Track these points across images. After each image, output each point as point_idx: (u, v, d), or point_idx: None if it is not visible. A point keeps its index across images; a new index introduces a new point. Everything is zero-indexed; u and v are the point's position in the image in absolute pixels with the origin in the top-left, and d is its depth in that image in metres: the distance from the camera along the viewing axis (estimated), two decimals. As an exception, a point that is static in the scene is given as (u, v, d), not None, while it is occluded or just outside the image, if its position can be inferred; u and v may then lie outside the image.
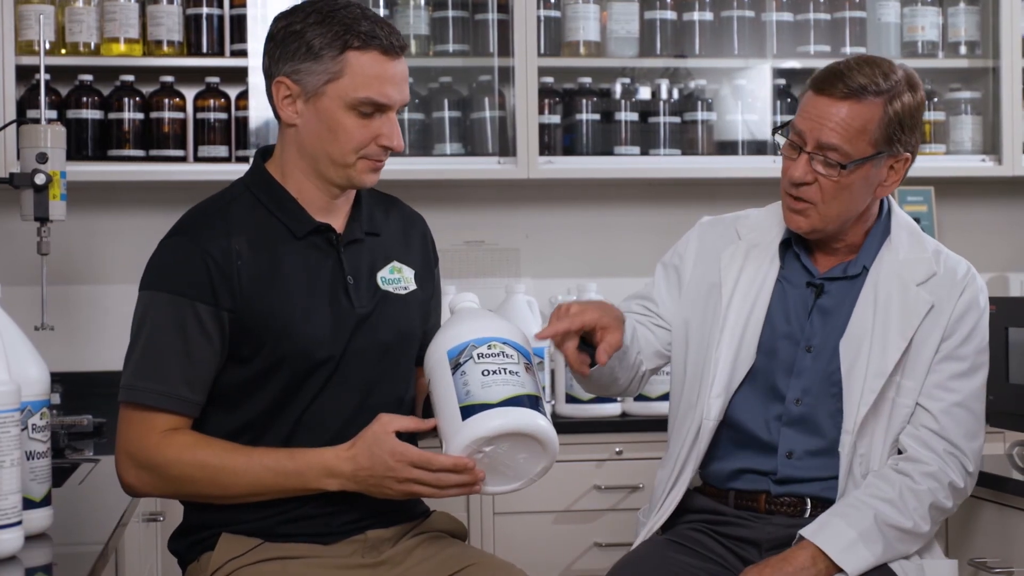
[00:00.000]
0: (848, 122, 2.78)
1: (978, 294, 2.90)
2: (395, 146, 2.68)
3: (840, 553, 2.73)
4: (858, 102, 2.78)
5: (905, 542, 2.79)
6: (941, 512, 2.83)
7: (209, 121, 4.51)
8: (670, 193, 4.91)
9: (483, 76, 4.66)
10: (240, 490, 2.62)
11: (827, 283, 2.93)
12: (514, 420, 2.55)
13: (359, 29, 2.63)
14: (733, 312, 2.94)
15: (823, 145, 2.79)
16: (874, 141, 2.80)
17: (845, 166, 2.79)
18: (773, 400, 2.91)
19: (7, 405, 2.15)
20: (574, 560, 4.21)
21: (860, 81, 2.79)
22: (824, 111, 2.79)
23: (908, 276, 2.88)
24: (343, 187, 2.71)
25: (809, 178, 2.82)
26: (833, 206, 2.84)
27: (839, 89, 2.79)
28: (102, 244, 4.65)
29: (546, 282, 4.84)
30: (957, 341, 2.86)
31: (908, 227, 2.97)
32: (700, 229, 3.10)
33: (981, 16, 4.85)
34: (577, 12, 4.65)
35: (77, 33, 4.42)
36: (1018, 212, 5.09)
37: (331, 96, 2.63)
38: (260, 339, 2.63)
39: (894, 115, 2.80)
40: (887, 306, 2.86)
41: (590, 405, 4.29)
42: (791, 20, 4.77)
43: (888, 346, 2.84)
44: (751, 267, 2.97)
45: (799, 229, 2.88)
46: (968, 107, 4.85)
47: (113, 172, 4.41)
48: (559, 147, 4.64)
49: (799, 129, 2.83)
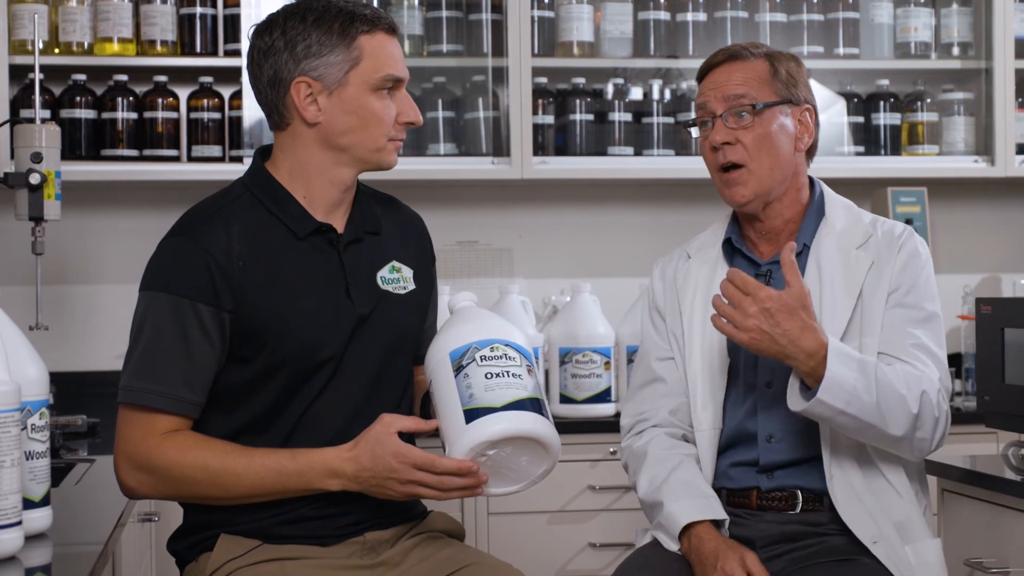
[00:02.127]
0: (744, 75, 2.96)
1: (917, 246, 2.97)
2: (416, 120, 2.74)
3: (835, 356, 2.73)
4: (744, 61, 2.98)
5: (892, 403, 2.77)
6: (929, 410, 2.81)
7: (203, 121, 4.51)
8: (663, 193, 4.92)
9: (477, 76, 4.66)
10: (241, 491, 2.62)
11: (773, 268, 2.98)
12: (518, 424, 2.55)
13: (361, 13, 2.68)
14: (697, 327, 3.01)
15: (731, 98, 2.94)
16: (775, 90, 2.96)
17: (755, 107, 2.92)
18: (748, 391, 2.96)
19: (7, 405, 2.15)
20: (568, 560, 4.22)
21: (737, 46, 3.01)
22: (718, 78, 2.98)
23: (847, 243, 2.97)
24: (373, 169, 2.75)
25: (730, 138, 2.94)
26: (762, 161, 2.93)
27: (722, 56, 3.00)
28: (95, 244, 4.65)
29: (539, 282, 4.84)
30: (904, 290, 2.92)
31: (843, 204, 3.05)
32: (657, 267, 3.18)
33: (974, 17, 4.86)
34: (571, 12, 4.65)
35: (70, 32, 4.42)
36: (1011, 213, 5.11)
37: (355, 83, 2.67)
38: (261, 340, 2.63)
39: (783, 71, 2.98)
40: (831, 273, 2.93)
41: (584, 405, 4.30)
42: (784, 21, 4.78)
43: (837, 306, 2.90)
44: (704, 278, 3.04)
45: (742, 198, 2.95)
46: (961, 108, 4.86)
47: (107, 172, 4.41)
48: (552, 147, 4.64)
49: (702, 103, 2.99)
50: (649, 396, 3.07)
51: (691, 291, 3.05)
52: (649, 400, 3.06)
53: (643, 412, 3.06)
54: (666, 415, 3.03)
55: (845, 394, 2.74)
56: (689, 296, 3.05)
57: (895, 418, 2.79)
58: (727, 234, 3.06)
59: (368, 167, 2.74)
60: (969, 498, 3.15)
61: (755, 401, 2.95)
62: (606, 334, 4.36)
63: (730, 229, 3.06)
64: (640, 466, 2.99)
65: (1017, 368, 3.17)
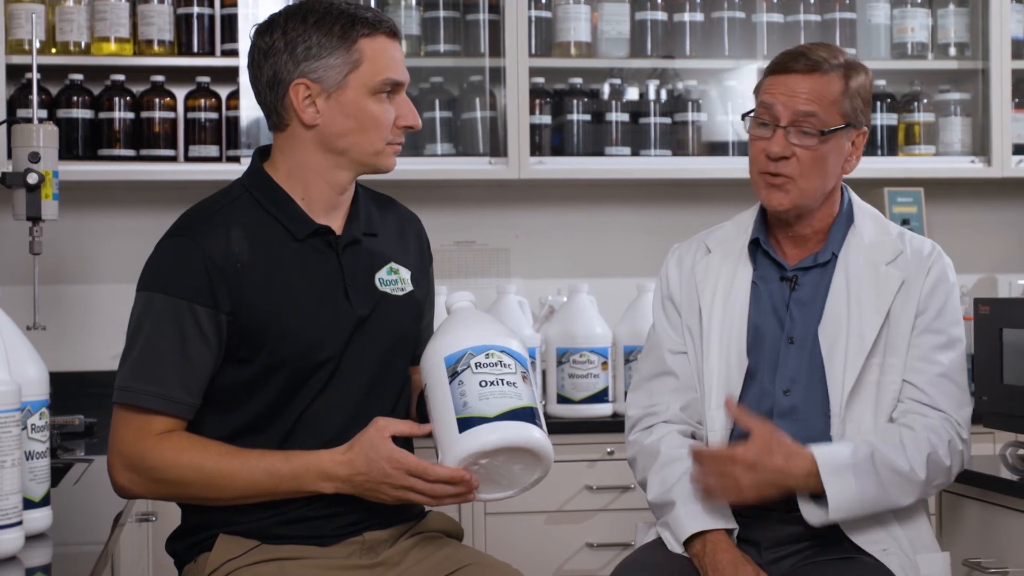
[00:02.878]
0: (819, 91, 2.90)
1: (946, 269, 2.97)
2: (414, 124, 2.74)
3: (829, 474, 2.76)
4: (823, 75, 2.91)
5: (897, 486, 2.81)
6: (938, 468, 2.85)
7: (200, 121, 4.50)
8: (661, 194, 4.92)
9: (474, 76, 4.66)
10: (235, 492, 2.61)
11: (800, 274, 2.98)
12: (511, 435, 2.55)
13: (362, 16, 2.67)
14: (716, 324, 2.98)
15: (800, 114, 2.89)
16: (843, 112, 2.92)
17: (823, 132, 2.88)
18: (763, 396, 2.94)
19: (8, 405, 2.15)
20: (566, 560, 4.22)
21: (821, 54, 2.93)
22: (793, 86, 2.91)
23: (876, 257, 2.95)
24: (371, 173, 2.74)
25: (788, 152, 2.90)
26: (811, 180, 2.91)
27: (802, 64, 2.92)
28: (92, 244, 4.64)
29: (536, 282, 4.84)
30: (932, 315, 2.92)
31: (871, 214, 3.04)
32: (673, 255, 3.15)
33: (971, 18, 4.86)
34: (568, 13, 4.65)
35: (68, 32, 4.41)
36: (1007, 213, 5.11)
37: (354, 86, 2.66)
38: (259, 341, 2.63)
39: (855, 89, 2.93)
40: (859, 288, 2.92)
41: (581, 406, 4.30)
42: (781, 21, 4.78)
43: (865, 325, 2.90)
44: (725, 275, 3.02)
45: (780, 205, 2.93)
46: (957, 108, 4.86)
47: (103, 172, 4.40)
48: (549, 147, 4.64)
49: (768, 104, 2.93)
50: (659, 389, 3.05)
51: (711, 287, 3.02)
52: (659, 394, 3.04)
53: (653, 406, 3.04)
54: (677, 411, 3.01)
55: (853, 503, 2.78)
56: (709, 292, 3.01)
57: (904, 492, 2.83)
58: (755, 234, 3.03)
59: (366, 170, 2.74)
60: (967, 498, 3.15)
61: (772, 406, 2.93)
62: (603, 334, 4.36)
63: (757, 229, 3.03)
64: (651, 464, 2.97)
65: (1015, 368, 3.17)
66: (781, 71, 2.94)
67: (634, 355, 4.29)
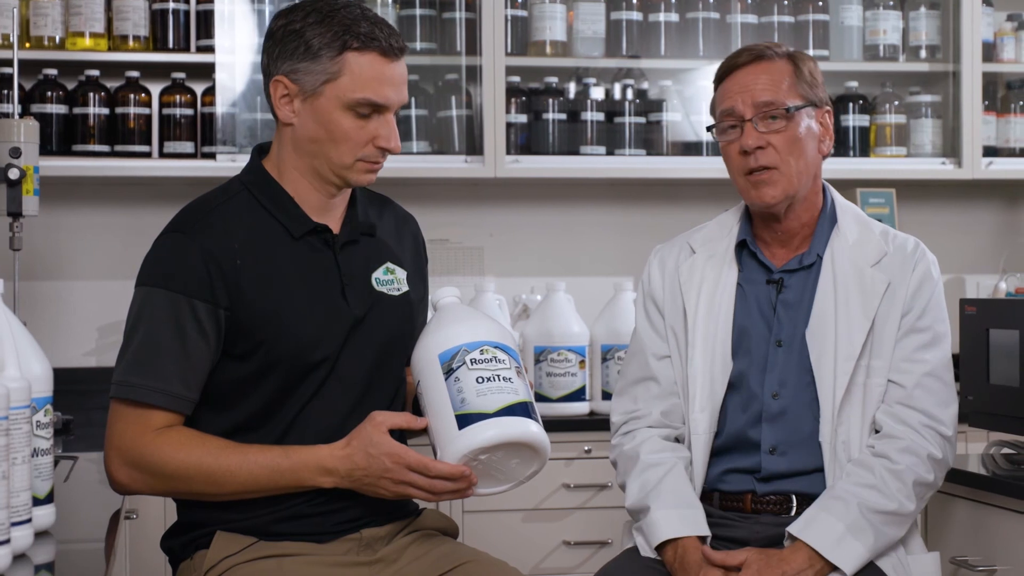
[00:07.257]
0: (771, 78, 2.95)
1: (930, 266, 2.98)
2: (393, 148, 2.69)
3: (832, 550, 2.77)
4: (770, 61, 2.97)
5: (892, 525, 2.83)
6: (925, 487, 2.87)
7: (175, 117, 4.48)
8: (635, 193, 4.93)
9: (450, 75, 4.65)
10: (234, 488, 2.61)
11: (786, 276, 2.98)
12: (511, 430, 2.57)
13: (359, 30, 2.62)
14: (700, 326, 2.98)
15: (760, 104, 2.93)
16: (801, 93, 2.96)
17: (788, 110, 2.92)
18: (752, 399, 2.94)
19: (19, 402, 2.13)
20: (543, 558, 4.22)
21: (761, 47, 3.00)
22: (744, 80, 2.96)
23: (861, 259, 2.96)
24: (340, 187, 2.71)
25: (762, 142, 2.92)
26: (792, 163, 2.93)
27: (746, 56, 2.98)
28: (67, 239, 4.60)
29: (510, 281, 4.84)
30: (917, 314, 2.93)
31: (853, 213, 3.05)
32: (656, 256, 3.15)
33: (942, 20, 4.90)
34: (544, 12, 4.66)
35: (42, 27, 4.38)
36: (977, 214, 5.16)
37: (328, 96, 2.63)
38: (256, 338, 2.62)
39: (806, 72, 2.98)
40: (846, 291, 2.93)
41: (559, 404, 4.30)
42: (755, 22, 4.81)
43: (853, 329, 2.90)
44: (711, 276, 3.02)
45: (772, 199, 2.94)
46: (928, 110, 4.90)
47: (78, 167, 4.38)
48: (517, 146, 4.64)
49: (729, 108, 2.96)
50: (642, 395, 3.05)
51: (696, 289, 3.01)
52: (642, 399, 3.05)
53: (636, 411, 3.05)
54: (658, 416, 3.02)
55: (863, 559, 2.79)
56: (694, 295, 3.01)
57: (901, 526, 2.86)
58: (741, 235, 3.03)
59: (337, 182, 2.69)
60: (954, 497, 3.17)
61: (760, 410, 2.94)
62: (580, 333, 4.36)
63: (744, 230, 3.04)
64: (631, 470, 2.98)
65: (1001, 368, 3.19)
66: (729, 72, 2.98)
67: (611, 354, 4.30)
